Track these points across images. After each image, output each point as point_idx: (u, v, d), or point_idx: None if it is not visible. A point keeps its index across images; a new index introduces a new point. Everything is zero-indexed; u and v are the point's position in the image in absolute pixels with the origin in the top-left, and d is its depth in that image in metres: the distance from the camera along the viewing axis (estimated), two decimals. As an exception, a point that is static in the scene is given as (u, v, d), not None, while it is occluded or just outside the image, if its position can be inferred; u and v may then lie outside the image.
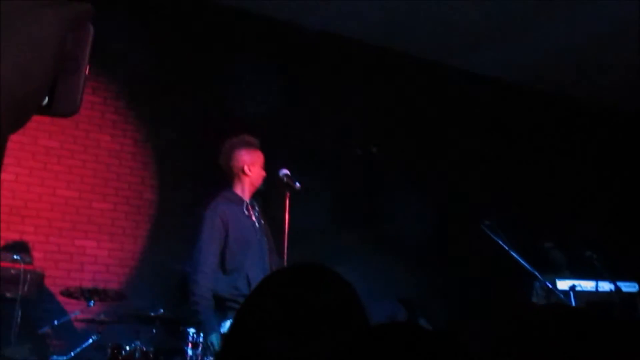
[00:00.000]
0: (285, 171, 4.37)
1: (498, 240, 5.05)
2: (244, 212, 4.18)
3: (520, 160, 8.87)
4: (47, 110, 0.56)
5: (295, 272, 1.38)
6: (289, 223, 4.20)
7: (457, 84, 8.65)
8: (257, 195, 4.40)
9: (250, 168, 4.24)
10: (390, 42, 8.11)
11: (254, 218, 4.22)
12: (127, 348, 4.71)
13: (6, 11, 0.51)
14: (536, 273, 5.13)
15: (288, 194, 4.29)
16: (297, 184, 4.30)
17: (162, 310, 5.06)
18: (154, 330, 5.07)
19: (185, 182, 6.76)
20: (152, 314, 5.04)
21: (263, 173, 4.31)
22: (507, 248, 5.03)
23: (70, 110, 0.58)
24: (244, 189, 4.24)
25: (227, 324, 3.85)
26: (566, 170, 9.17)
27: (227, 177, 4.28)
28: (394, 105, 8.21)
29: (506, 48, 8.13)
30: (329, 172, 7.47)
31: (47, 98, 0.56)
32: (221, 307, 3.97)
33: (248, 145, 4.32)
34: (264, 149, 6.64)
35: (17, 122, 0.51)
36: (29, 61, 0.51)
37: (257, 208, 4.30)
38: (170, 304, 5.38)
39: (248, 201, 4.24)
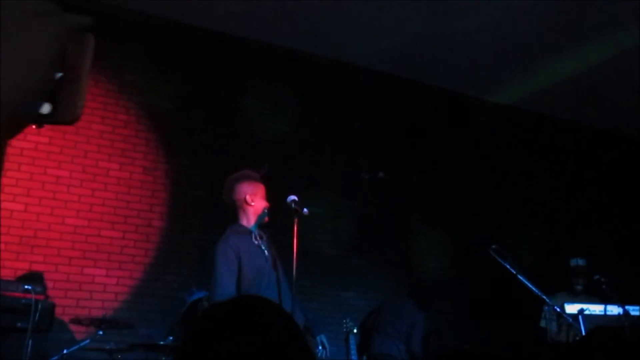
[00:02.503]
0: (293, 197, 4.39)
1: (506, 265, 5.04)
2: (253, 242, 4.24)
3: (529, 184, 8.89)
4: (49, 119, 0.58)
5: (234, 308, 1.31)
6: (297, 248, 4.21)
7: (464, 109, 8.71)
8: (265, 227, 4.45)
9: (253, 199, 4.32)
10: (398, 69, 8.21)
11: (263, 247, 4.27)
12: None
13: (3, 20, 0.53)
14: (544, 297, 5.12)
15: (296, 220, 4.31)
16: (305, 210, 4.33)
17: (171, 339, 5.06)
18: (164, 359, 5.07)
19: (195, 210, 6.80)
20: (162, 343, 5.04)
21: (265, 203, 4.37)
22: (514, 272, 5.02)
23: (72, 117, 0.60)
24: (250, 220, 4.32)
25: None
26: (575, 195, 9.18)
27: (233, 212, 4.36)
28: (404, 131, 8.27)
29: (515, 75, 8.21)
30: (340, 197, 7.51)
31: (50, 107, 0.57)
32: None
33: (248, 178, 4.41)
34: (274, 175, 6.70)
35: (15, 128, 0.53)
36: (25, 69, 0.53)
37: (265, 238, 4.35)
38: (179, 332, 5.38)
39: (256, 232, 4.29)
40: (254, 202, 4.31)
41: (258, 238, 4.28)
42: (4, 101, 0.51)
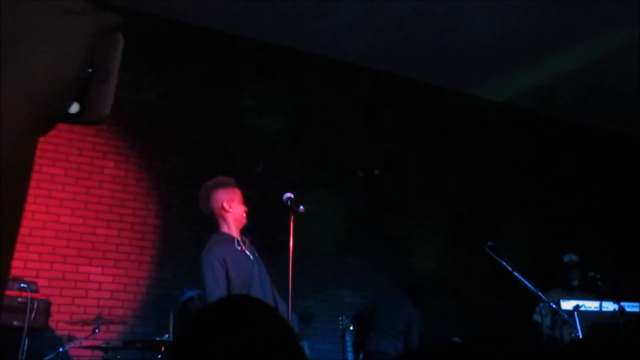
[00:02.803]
0: (289, 195, 4.37)
1: (501, 262, 5.04)
2: (236, 249, 4.15)
3: (525, 182, 8.91)
4: (78, 118, 0.58)
5: (226, 308, 1.31)
6: (293, 246, 4.20)
7: (461, 107, 8.72)
8: (246, 231, 4.39)
9: (230, 204, 4.21)
10: (395, 67, 8.21)
11: (247, 252, 4.20)
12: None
13: (36, 17, 0.53)
14: (540, 294, 5.13)
15: (292, 217, 4.30)
16: (301, 207, 4.30)
17: (167, 336, 5.06)
18: (159, 356, 5.07)
19: (190, 208, 6.77)
20: (158, 340, 5.04)
21: (244, 208, 4.30)
22: (510, 269, 5.02)
23: (100, 117, 0.60)
24: (230, 227, 4.21)
25: None
26: (571, 193, 9.20)
27: (212, 220, 4.27)
28: (400, 129, 8.27)
29: (511, 73, 8.23)
30: (335, 195, 7.51)
31: (78, 106, 0.58)
32: None
33: (223, 185, 4.31)
34: (270, 172, 6.70)
35: (45, 126, 0.53)
36: (57, 66, 0.52)
37: (247, 243, 4.28)
38: (173, 331, 5.38)
39: (238, 238, 4.22)
40: (232, 208, 4.21)
41: (241, 244, 4.22)
42: (37, 99, 0.51)
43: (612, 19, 6.94)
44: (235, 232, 4.21)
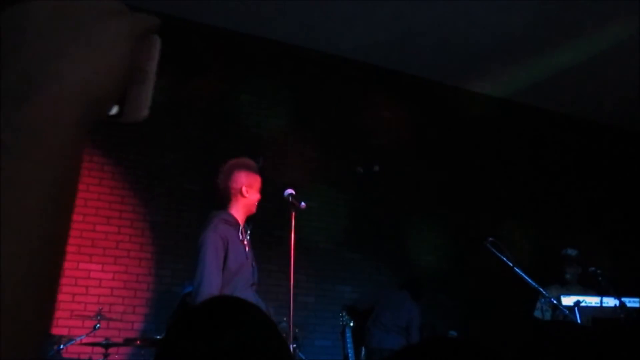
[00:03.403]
0: (290, 191, 4.35)
1: (502, 257, 5.04)
2: (238, 236, 4.06)
3: (524, 177, 8.90)
4: (117, 118, 0.59)
5: (210, 312, 1.29)
6: (295, 242, 4.19)
7: (459, 103, 8.71)
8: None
9: (248, 190, 4.13)
10: (392, 63, 8.19)
11: (245, 242, 4.15)
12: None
13: (81, 17, 0.53)
14: (541, 289, 5.13)
15: (293, 214, 4.28)
16: (302, 204, 4.28)
17: (167, 333, 5.05)
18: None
19: (189, 204, 6.78)
20: (158, 337, 5.04)
21: (259, 197, 4.25)
22: (511, 265, 5.02)
23: (138, 118, 0.61)
24: (239, 212, 4.13)
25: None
26: (570, 188, 9.20)
27: (223, 198, 4.20)
28: (399, 125, 8.26)
29: (509, 68, 8.21)
30: (335, 191, 7.50)
31: (117, 107, 0.58)
32: None
33: (248, 168, 4.24)
34: (270, 169, 6.68)
35: (93, 125, 0.53)
36: (106, 67, 0.53)
37: (248, 233, 4.23)
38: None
39: (242, 225, 4.12)
40: (248, 194, 4.14)
41: (243, 233, 4.16)
42: (91, 99, 0.51)
43: (612, 13, 6.93)
44: (241, 218, 4.15)
